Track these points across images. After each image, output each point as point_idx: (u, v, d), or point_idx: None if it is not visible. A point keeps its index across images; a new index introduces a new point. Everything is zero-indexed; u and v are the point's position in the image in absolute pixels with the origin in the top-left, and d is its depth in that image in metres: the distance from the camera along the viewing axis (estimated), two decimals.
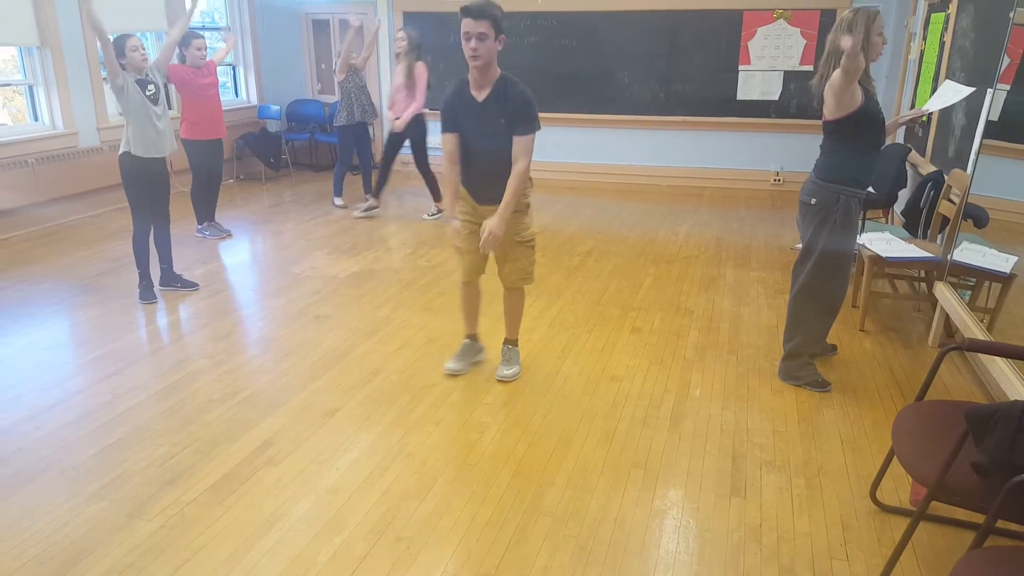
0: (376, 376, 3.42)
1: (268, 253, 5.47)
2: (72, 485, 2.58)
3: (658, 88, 7.53)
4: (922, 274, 4.18)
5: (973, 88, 3.53)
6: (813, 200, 3.08)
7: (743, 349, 3.72)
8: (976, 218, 3.53)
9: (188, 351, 3.72)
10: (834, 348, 3.64)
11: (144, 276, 4.34)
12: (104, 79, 4.30)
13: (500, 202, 3.00)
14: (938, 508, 2.20)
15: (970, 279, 3.59)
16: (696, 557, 2.25)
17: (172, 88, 5.28)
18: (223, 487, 2.57)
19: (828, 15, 6.87)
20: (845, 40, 2.75)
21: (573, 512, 2.45)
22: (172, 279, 4.52)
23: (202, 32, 6.06)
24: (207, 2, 8.02)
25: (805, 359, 3.30)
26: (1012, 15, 3.33)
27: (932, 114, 4.60)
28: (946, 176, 4.14)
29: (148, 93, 4.15)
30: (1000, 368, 2.81)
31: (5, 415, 3.06)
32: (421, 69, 5.91)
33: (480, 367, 3.50)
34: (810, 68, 6.99)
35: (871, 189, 3.86)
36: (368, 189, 6.54)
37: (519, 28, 7.57)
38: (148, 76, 4.19)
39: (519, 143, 2.97)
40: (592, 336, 3.88)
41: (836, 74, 2.84)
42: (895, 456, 2.19)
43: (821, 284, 3.15)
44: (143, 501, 2.49)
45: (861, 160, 3.00)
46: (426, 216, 6.35)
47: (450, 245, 3.66)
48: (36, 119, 6.01)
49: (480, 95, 3.00)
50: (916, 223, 4.47)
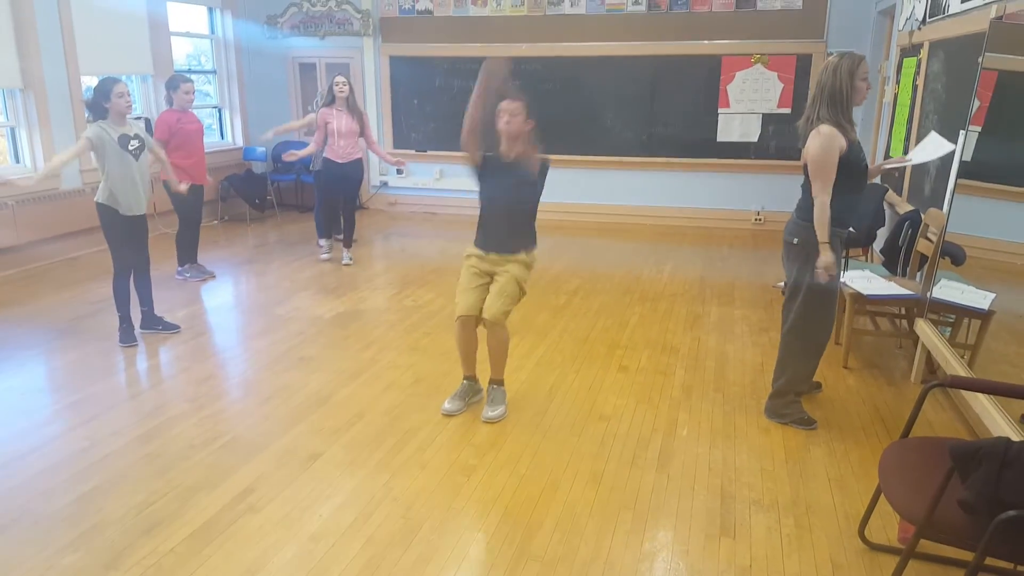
0: (361, 419, 3.37)
1: (252, 294, 5.44)
2: (46, 536, 2.51)
3: (641, 130, 7.66)
4: (903, 311, 4.23)
5: (954, 146, 3.64)
6: (795, 240, 3.12)
7: (729, 387, 3.73)
8: (953, 256, 3.59)
9: (168, 395, 3.65)
10: (819, 385, 3.66)
11: (124, 319, 4.29)
12: (88, 122, 4.27)
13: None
14: (927, 546, 2.18)
15: (950, 315, 3.64)
16: None
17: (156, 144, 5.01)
18: (202, 535, 2.51)
19: (804, 59, 7.08)
20: (826, 263, 2.98)
21: (562, 556, 2.41)
22: (153, 322, 4.47)
23: (190, 76, 6.12)
24: (194, 45, 8.11)
25: (791, 397, 3.31)
26: (981, 60, 3.45)
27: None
28: (923, 215, 4.22)
29: (131, 148, 4.14)
30: (982, 404, 2.83)
31: None
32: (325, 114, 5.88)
33: (468, 408, 3.47)
34: (787, 111, 7.17)
35: (851, 229, 3.93)
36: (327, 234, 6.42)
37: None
38: (133, 132, 4.17)
39: None
40: (579, 375, 3.87)
41: (818, 153, 2.96)
42: (883, 494, 2.18)
43: (808, 322, 3.18)
44: (120, 551, 2.42)
45: (842, 201, 3.04)
46: (322, 256, 6.24)
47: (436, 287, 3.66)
48: (17, 161, 5.99)
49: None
50: (895, 261, 4.54)
